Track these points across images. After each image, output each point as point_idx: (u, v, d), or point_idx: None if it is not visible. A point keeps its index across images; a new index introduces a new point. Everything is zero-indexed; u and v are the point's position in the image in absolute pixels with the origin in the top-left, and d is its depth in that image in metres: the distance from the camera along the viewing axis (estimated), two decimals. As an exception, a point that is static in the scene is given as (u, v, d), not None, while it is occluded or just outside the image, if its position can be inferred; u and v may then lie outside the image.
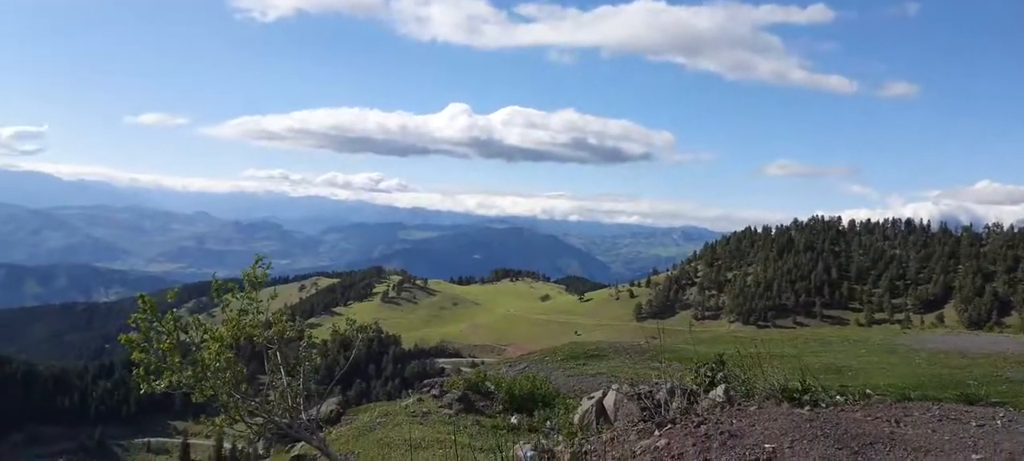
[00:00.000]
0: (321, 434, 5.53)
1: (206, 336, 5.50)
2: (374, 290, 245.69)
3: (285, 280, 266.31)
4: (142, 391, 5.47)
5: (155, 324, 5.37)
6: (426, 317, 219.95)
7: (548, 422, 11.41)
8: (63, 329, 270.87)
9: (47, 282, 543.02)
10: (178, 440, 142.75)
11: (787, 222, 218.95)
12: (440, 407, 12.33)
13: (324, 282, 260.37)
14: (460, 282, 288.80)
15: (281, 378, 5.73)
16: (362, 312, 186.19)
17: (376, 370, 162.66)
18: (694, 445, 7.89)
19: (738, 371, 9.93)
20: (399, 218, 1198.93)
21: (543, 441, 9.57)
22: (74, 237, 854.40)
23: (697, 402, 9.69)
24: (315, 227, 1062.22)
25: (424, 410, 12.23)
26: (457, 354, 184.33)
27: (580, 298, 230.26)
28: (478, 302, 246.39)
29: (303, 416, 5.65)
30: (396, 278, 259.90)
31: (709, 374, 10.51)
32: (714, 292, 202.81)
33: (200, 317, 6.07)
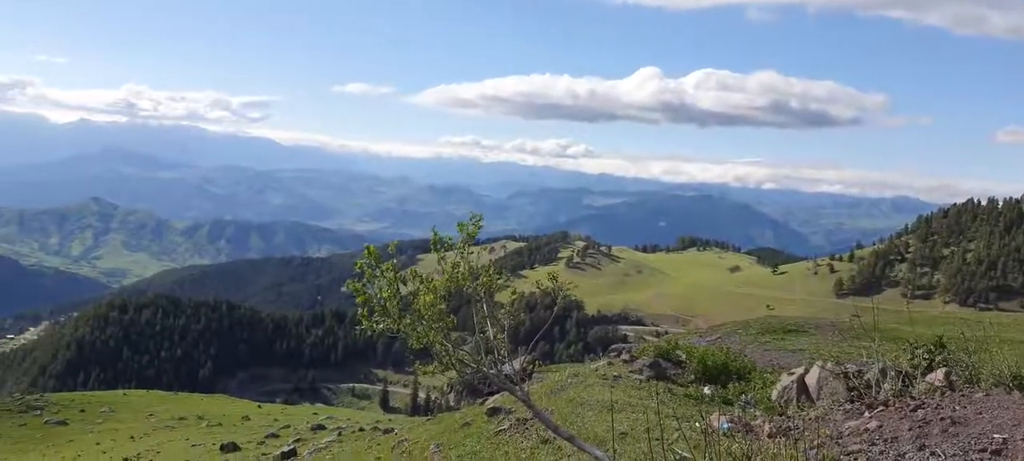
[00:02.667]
0: (525, 387, 5.75)
1: (421, 287, 5.89)
2: (559, 255, 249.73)
3: (476, 242, 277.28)
4: (363, 327, 5.96)
5: (377, 273, 5.82)
6: (610, 284, 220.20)
7: (743, 396, 11.08)
8: (282, 280, 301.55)
9: (268, 237, 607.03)
10: (379, 387, 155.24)
11: (1017, 195, 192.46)
12: (630, 372, 12.35)
13: (512, 245, 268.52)
14: (645, 250, 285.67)
15: (488, 329, 6.01)
16: (546, 276, 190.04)
17: (560, 333, 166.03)
18: (910, 430, 7.32)
19: (962, 355, 9.02)
20: (585, 184, 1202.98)
21: (739, 414, 9.31)
22: (292, 197, 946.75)
23: (912, 385, 8.99)
24: (504, 192, 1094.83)
25: (615, 374, 12.31)
26: (640, 322, 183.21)
27: (773, 270, 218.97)
28: (663, 271, 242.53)
29: (508, 367, 5.91)
30: (581, 243, 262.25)
31: (927, 356, 9.69)
32: (927, 269, 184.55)
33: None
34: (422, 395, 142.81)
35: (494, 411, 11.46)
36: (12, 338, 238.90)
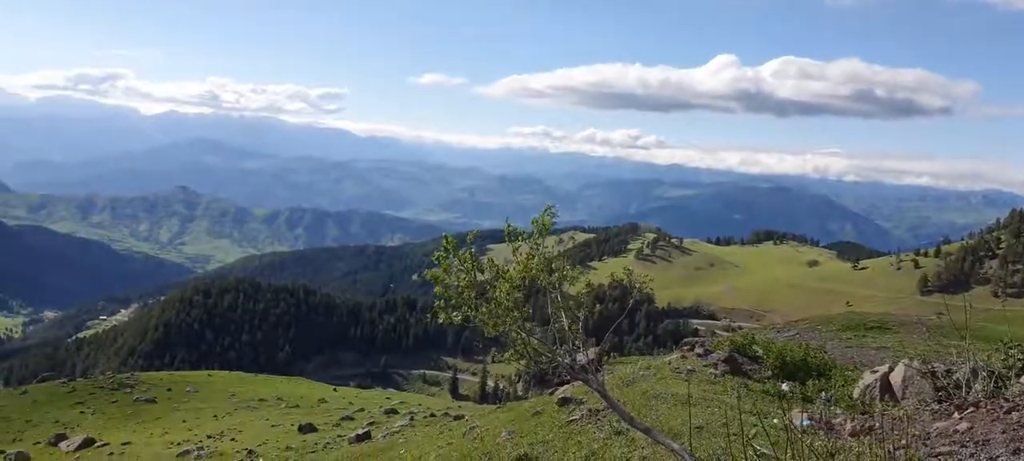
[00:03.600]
0: (600, 377, 5.74)
1: (498, 276, 5.96)
2: (628, 247, 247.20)
3: (527, 233, 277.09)
4: (441, 319, 6.07)
5: (455, 261, 5.91)
6: (681, 277, 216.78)
7: (823, 393, 10.78)
8: (356, 268, 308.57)
9: (344, 226, 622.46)
10: (448, 374, 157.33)
11: None
12: (705, 366, 12.16)
13: (580, 236, 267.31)
14: (718, 242, 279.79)
15: (562, 320, 6.03)
16: (616, 268, 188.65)
17: (629, 326, 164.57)
18: (1003, 432, 7.01)
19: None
20: (656, 175, 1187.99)
21: (819, 411, 9.07)
22: (366, 187, 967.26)
23: (1005, 387, 8.60)
24: (574, 182, 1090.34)
25: (688, 367, 12.15)
26: (712, 316, 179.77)
27: (853, 265, 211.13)
28: (736, 264, 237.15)
29: (582, 357, 5.92)
30: (651, 235, 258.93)
31: (1021, 357, 9.25)
32: (1020, 266, 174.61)
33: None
34: (491, 383, 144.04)
35: (565, 401, 11.49)
36: (104, 319, 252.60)
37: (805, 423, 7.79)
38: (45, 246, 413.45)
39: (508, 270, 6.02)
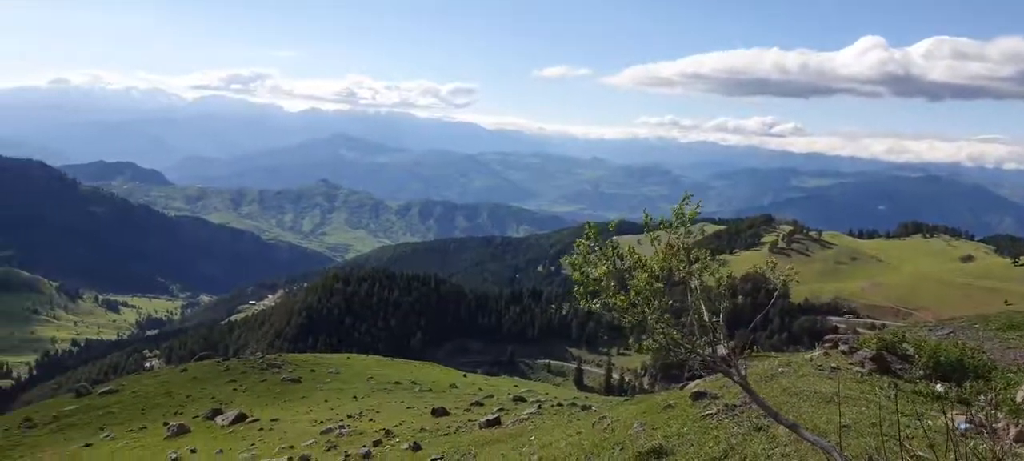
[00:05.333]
0: (743, 371, 5.62)
1: (637, 265, 5.95)
2: (762, 239, 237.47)
3: (669, 225, 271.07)
4: (582, 306, 6.15)
5: (595, 250, 5.96)
6: (819, 271, 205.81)
7: (982, 396, 9.99)
8: (483, 258, 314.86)
9: (472, 217, 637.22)
10: (573, 365, 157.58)
11: None
12: (850, 364, 11.56)
13: (710, 228, 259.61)
14: (860, 235, 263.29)
15: (702, 311, 5.95)
16: (748, 262, 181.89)
17: (762, 321, 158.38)
18: None
19: None
20: (793, 164, 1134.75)
21: (978, 415, 8.43)
22: (493, 179, 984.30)
23: None
24: (703, 172, 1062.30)
25: (832, 365, 11.59)
26: (853, 313, 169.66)
27: (1014, 261, 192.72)
28: (880, 258, 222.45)
29: (722, 349, 5.81)
30: (787, 228, 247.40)
31: None
32: None
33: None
34: (615, 376, 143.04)
35: (699, 395, 11.27)
36: (253, 304, 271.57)
37: (962, 427, 7.28)
38: (201, 235, 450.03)
39: (648, 259, 5.99)
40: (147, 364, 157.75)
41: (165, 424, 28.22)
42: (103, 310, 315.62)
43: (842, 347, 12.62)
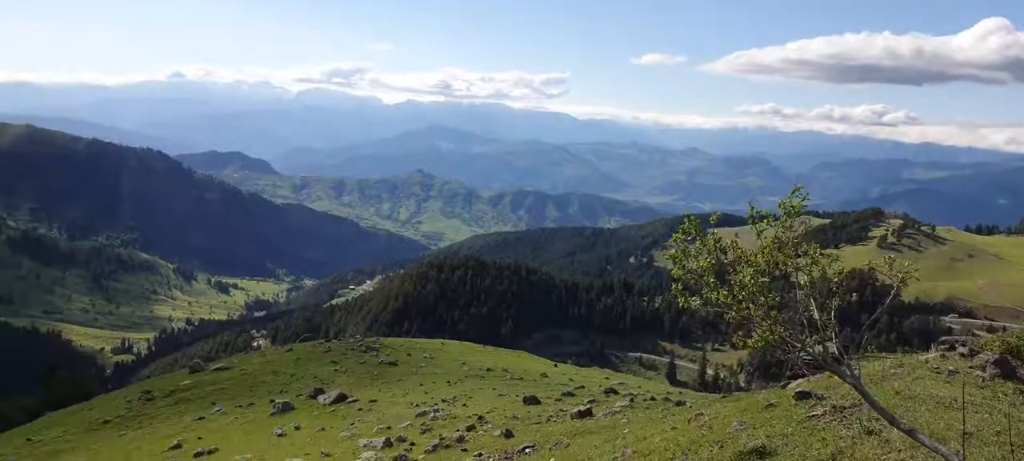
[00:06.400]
0: (857, 371, 5.34)
1: (741, 260, 5.74)
2: (870, 234, 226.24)
3: (774, 217, 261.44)
4: (681, 305, 5.98)
5: (695, 243, 5.79)
6: (932, 269, 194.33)
7: (1124, 408, 9.14)
8: (574, 249, 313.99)
9: (563, 207, 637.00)
10: (665, 359, 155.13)
11: None
12: (970, 367, 10.82)
13: (814, 221, 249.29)
14: (979, 231, 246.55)
15: (811, 308, 5.68)
16: (854, 257, 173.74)
17: (870, 321, 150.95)
18: None
19: None
20: (904, 155, 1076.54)
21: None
22: (585, 169, 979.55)
23: None
24: (806, 163, 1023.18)
25: (949, 368, 10.89)
26: (969, 314, 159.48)
27: None
28: (1000, 256, 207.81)
29: (834, 349, 5.54)
30: (897, 222, 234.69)
31: None
32: None
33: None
34: (710, 372, 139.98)
35: (803, 395, 10.83)
36: (353, 289, 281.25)
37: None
38: (305, 222, 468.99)
39: (755, 254, 5.77)
40: (254, 344, 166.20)
41: (271, 401, 29.56)
42: (215, 291, 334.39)
43: (960, 350, 11.84)
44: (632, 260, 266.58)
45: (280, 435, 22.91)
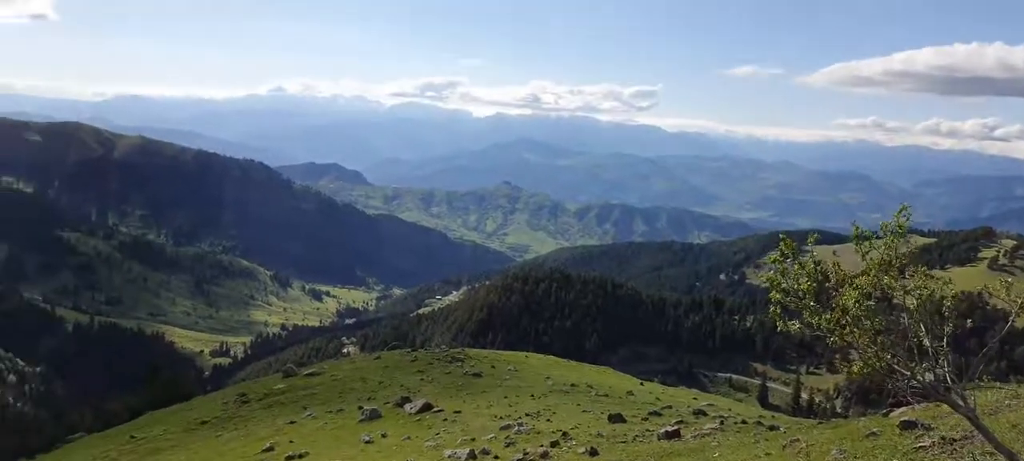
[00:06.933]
0: (971, 403, 4.99)
1: (844, 282, 5.47)
2: (980, 255, 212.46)
3: (876, 236, 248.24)
4: (778, 329, 5.75)
5: (794, 265, 5.55)
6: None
7: None
8: (662, 264, 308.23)
9: (651, 221, 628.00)
10: (757, 381, 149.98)
11: None
12: (1097, 403, 10.00)
13: (917, 241, 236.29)
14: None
15: (921, 333, 5.35)
16: (962, 279, 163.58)
17: (977, 347, 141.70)
18: None
19: None
20: (1018, 171, 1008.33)
21: None
22: (674, 182, 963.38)
23: None
24: (909, 179, 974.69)
25: (1073, 402, 10.09)
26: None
27: None
28: None
29: (947, 378, 5.19)
30: (1010, 242, 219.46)
31: None
32: None
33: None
34: (804, 396, 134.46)
35: (909, 424, 10.24)
36: (439, 299, 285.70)
37: None
38: (395, 232, 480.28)
39: (858, 276, 5.48)
40: (344, 350, 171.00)
41: (359, 408, 30.29)
42: (309, 298, 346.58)
43: (1088, 383, 10.93)
44: (723, 277, 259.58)
45: (367, 442, 23.40)
